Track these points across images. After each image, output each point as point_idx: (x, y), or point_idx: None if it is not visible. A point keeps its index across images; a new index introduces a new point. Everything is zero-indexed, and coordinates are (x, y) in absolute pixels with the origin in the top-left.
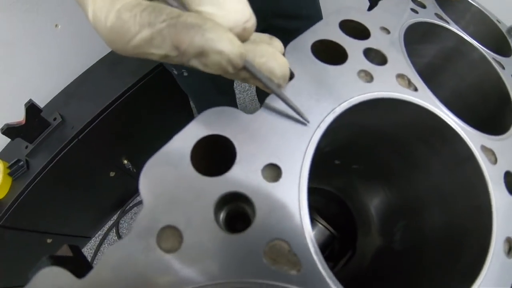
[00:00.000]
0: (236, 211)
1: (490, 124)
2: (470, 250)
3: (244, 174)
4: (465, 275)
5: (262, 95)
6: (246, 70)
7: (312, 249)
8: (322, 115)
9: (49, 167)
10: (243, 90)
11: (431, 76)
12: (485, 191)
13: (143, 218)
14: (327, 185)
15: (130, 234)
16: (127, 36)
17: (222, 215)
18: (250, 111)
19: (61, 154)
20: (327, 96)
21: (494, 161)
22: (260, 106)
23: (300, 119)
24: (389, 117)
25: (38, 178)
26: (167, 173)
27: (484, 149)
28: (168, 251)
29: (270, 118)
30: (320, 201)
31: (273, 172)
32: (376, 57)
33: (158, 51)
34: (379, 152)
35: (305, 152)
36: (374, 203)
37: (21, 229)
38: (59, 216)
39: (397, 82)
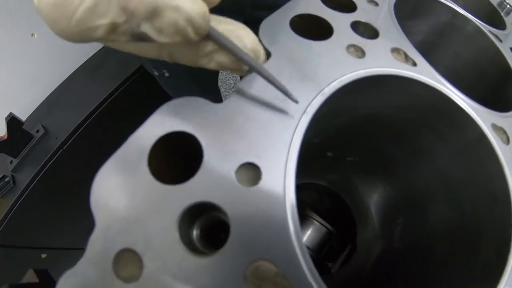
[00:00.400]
0: (216, 222)
1: (492, 102)
2: (488, 245)
3: (213, 179)
4: (483, 277)
5: None
6: (212, 40)
7: (307, 270)
8: (308, 98)
9: (36, 180)
10: (229, 88)
11: (425, 55)
12: (501, 175)
13: (96, 240)
14: (320, 179)
15: (83, 259)
16: (70, 9)
17: (195, 232)
18: None
19: (47, 166)
20: (313, 76)
21: (507, 140)
22: None
23: (288, 98)
24: (386, 99)
25: (26, 193)
26: (122, 182)
27: (495, 128)
28: (127, 280)
29: (244, 106)
30: (313, 196)
31: (251, 173)
32: (366, 30)
33: (103, 21)
34: (375, 140)
35: (290, 145)
36: (373, 197)
37: (14, 246)
38: (52, 230)
39: (392, 56)
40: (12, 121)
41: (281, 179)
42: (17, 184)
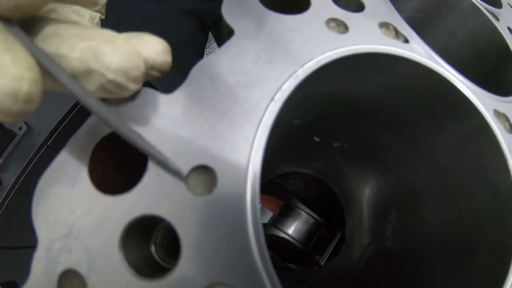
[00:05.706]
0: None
1: (490, 85)
2: (487, 248)
3: (158, 187)
4: (481, 285)
5: None
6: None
7: None
8: (277, 83)
9: (22, 178)
10: None
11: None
12: (504, 167)
13: (39, 260)
14: (307, 168)
15: (29, 282)
16: None
17: (153, 246)
18: None
19: (32, 163)
20: (285, 56)
21: (510, 129)
22: None
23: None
24: (374, 81)
25: (13, 192)
26: (62, 194)
27: (498, 114)
28: None
29: (198, 95)
30: (300, 185)
31: (205, 178)
32: (349, 2)
33: None
34: (364, 127)
35: (253, 142)
36: (362, 187)
37: (6, 247)
38: None
39: (381, 32)
40: None
41: (241, 185)
42: (4, 184)
